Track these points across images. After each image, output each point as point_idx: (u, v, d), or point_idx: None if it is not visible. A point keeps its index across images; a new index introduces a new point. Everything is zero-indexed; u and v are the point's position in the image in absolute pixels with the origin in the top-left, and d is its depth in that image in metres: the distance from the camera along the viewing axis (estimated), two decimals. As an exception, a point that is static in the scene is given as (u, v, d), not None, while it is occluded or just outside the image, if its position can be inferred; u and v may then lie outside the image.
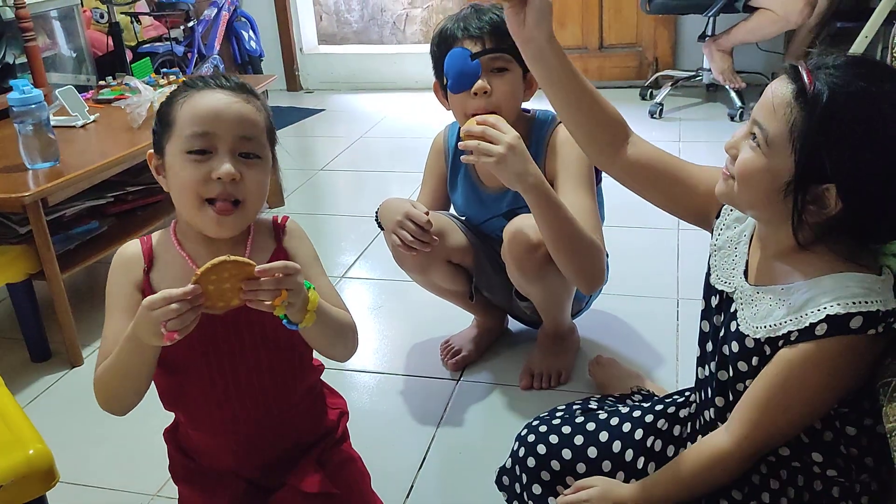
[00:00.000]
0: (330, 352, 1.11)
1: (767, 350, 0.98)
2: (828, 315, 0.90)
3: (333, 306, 1.09)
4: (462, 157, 1.45)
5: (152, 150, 1.06)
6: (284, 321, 0.98)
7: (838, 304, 0.90)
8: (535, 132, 1.62)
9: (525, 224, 1.51)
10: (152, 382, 1.07)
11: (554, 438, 1.17)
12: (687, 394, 1.21)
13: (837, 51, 0.94)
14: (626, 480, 1.13)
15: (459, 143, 1.44)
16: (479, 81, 1.50)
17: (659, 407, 1.19)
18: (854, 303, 0.90)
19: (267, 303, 0.94)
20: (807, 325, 0.92)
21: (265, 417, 1.12)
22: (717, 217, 1.13)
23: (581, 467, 1.14)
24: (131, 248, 1.10)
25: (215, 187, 0.98)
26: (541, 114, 1.64)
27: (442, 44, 1.56)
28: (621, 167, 1.15)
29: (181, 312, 0.91)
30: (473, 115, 1.49)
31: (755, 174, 0.95)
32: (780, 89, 0.93)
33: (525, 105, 1.64)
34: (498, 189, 1.64)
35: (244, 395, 1.09)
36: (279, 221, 1.13)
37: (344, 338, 1.10)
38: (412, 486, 1.47)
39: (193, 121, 0.99)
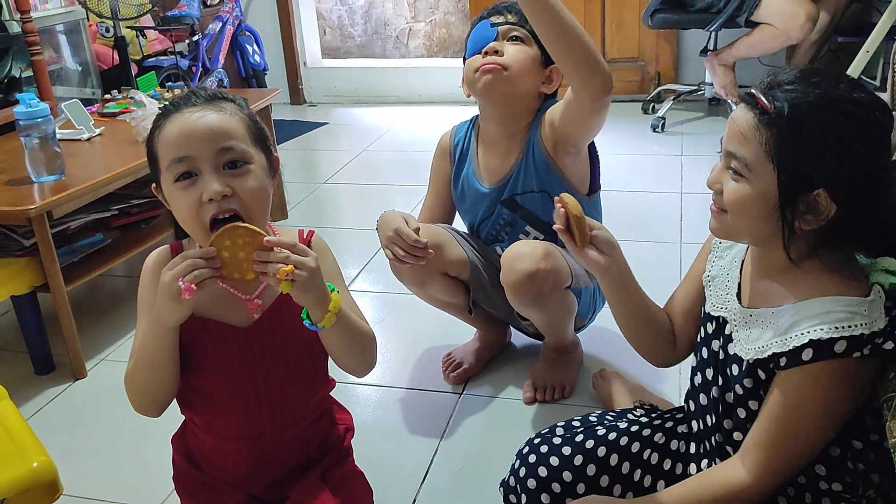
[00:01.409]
0: (349, 361, 1.12)
1: (761, 374, 0.99)
2: (811, 339, 0.92)
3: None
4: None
5: (154, 185, 1.07)
6: (306, 322, 1.01)
7: (821, 329, 0.92)
8: (539, 113, 1.64)
9: (522, 252, 1.53)
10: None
11: (555, 461, 1.17)
12: (684, 407, 1.21)
13: (790, 69, 0.98)
14: (623, 493, 1.13)
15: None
16: (492, 42, 1.57)
17: (657, 422, 1.21)
18: (837, 327, 0.92)
19: (275, 276, 0.96)
20: (790, 347, 0.94)
21: (277, 426, 1.13)
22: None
23: (581, 487, 1.15)
24: (161, 254, 1.11)
25: (211, 208, 0.99)
26: (552, 100, 1.66)
27: (471, 27, 1.65)
28: (682, 352, 1.23)
29: (197, 267, 0.95)
30: (482, 69, 1.55)
31: (746, 202, 0.97)
32: (742, 117, 0.97)
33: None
34: (497, 182, 1.67)
35: (260, 401, 1.11)
36: (304, 236, 1.14)
37: (363, 348, 1.11)
38: (415, 500, 1.46)
39: (169, 149, 1.00)
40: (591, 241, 1.14)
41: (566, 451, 1.18)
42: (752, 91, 0.97)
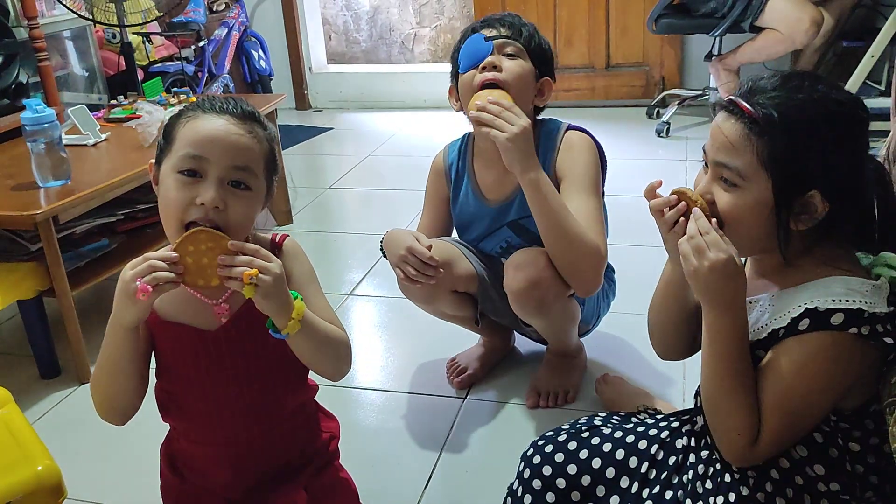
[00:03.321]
0: (319, 367, 1.11)
1: (761, 353, 1.00)
2: (807, 308, 0.94)
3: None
4: (474, 128, 1.47)
5: (153, 161, 1.08)
6: (271, 330, 1.01)
7: (818, 301, 0.94)
8: (545, 133, 1.62)
9: (525, 260, 1.52)
10: (145, 395, 1.10)
11: (560, 457, 1.17)
12: (690, 409, 1.21)
13: (768, 75, 1.00)
14: (630, 485, 1.13)
15: (471, 114, 1.47)
16: (490, 57, 1.53)
17: (663, 423, 1.21)
18: (834, 300, 0.93)
19: (239, 280, 0.95)
20: (788, 321, 0.95)
21: (256, 430, 1.13)
22: None
23: (586, 479, 1.15)
24: None
25: (197, 212, 0.99)
26: (550, 119, 1.66)
27: (462, 39, 1.61)
28: (691, 350, 1.22)
29: (157, 269, 0.95)
30: (483, 87, 1.50)
31: (743, 210, 0.98)
32: (728, 126, 0.98)
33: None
34: (501, 200, 1.65)
35: (234, 405, 1.10)
36: (277, 240, 1.13)
37: (334, 353, 1.10)
38: (418, 505, 1.47)
39: (189, 142, 1.01)
40: None
41: (571, 445, 1.18)
42: (733, 98, 0.98)
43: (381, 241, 1.61)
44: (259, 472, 1.15)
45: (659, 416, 1.25)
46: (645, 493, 1.11)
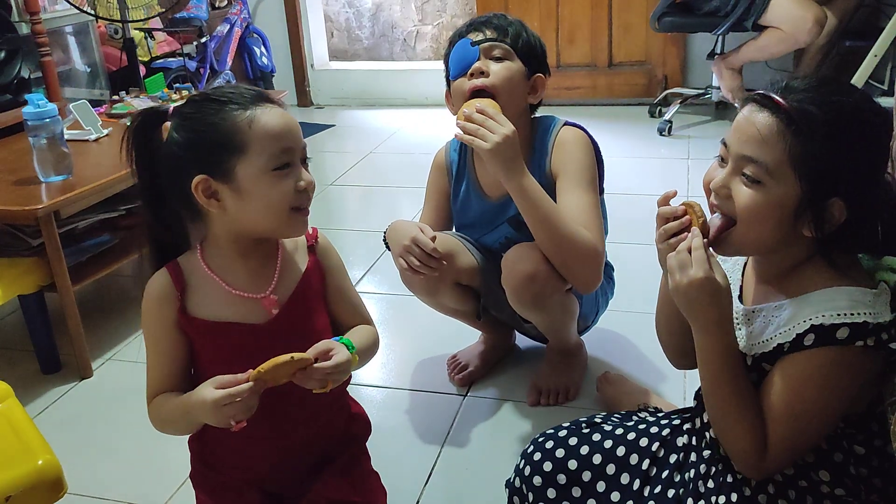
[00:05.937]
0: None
1: (766, 367, 0.99)
2: (812, 325, 0.92)
3: (363, 322, 1.20)
4: (456, 134, 1.48)
5: (204, 176, 1.03)
6: None
7: (823, 316, 0.92)
8: (541, 131, 1.62)
9: (522, 255, 1.52)
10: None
11: (560, 452, 1.17)
12: (691, 407, 1.21)
13: (801, 76, 0.97)
14: (630, 482, 1.13)
15: (456, 123, 1.47)
16: (476, 63, 1.53)
17: (664, 421, 1.21)
18: (839, 314, 0.91)
19: (316, 386, 1.04)
20: (793, 336, 0.94)
21: (300, 419, 1.15)
22: None
23: (587, 475, 1.15)
24: (160, 281, 1.11)
25: (301, 196, 1.06)
26: (547, 117, 1.65)
27: (451, 44, 1.61)
28: None
29: (247, 403, 1.01)
30: (471, 96, 1.51)
31: (762, 209, 0.95)
32: (760, 119, 0.94)
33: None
34: (501, 196, 1.64)
35: (286, 396, 1.11)
36: (311, 232, 1.18)
37: (369, 358, 1.19)
38: (418, 502, 1.47)
39: (276, 140, 1.04)
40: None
41: (572, 441, 1.18)
42: (768, 94, 0.94)
43: (385, 232, 1.61)
44: (300, 461, 1.17)
45: (660, 414, 1.25)
46: (646, 491, 1.11)
